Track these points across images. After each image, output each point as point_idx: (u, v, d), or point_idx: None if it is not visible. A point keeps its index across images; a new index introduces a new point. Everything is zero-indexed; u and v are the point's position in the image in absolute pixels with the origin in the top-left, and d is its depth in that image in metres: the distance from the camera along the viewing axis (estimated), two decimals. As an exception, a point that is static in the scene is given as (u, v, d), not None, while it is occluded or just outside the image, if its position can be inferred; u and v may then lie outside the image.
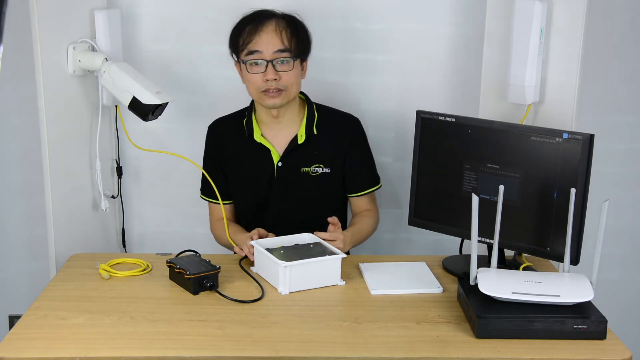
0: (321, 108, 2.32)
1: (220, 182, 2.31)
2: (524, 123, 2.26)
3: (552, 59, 2.22)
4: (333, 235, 2.08)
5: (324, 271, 1.98)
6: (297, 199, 2.29)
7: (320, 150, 2.27)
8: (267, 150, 2.26)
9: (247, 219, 2.35)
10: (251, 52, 2.15)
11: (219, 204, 2.29)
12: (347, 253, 2.19)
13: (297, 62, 2.18)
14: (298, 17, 2.23)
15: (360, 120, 2.35)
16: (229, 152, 2.31)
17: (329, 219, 2.11)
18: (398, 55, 2.63)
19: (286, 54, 2.15)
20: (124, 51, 2.48)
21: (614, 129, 2.66)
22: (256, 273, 2.05)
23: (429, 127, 2.13)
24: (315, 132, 2.26)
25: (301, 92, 2.31)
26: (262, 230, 2.14)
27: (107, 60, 2.31)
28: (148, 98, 2.26)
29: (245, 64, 2.17)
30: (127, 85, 2.26)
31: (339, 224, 2.12)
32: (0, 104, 2.62)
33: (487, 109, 2.40)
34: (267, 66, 2.14)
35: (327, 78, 2.61)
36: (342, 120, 2.32)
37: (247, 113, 2.31)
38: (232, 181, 2.33)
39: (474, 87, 2.50)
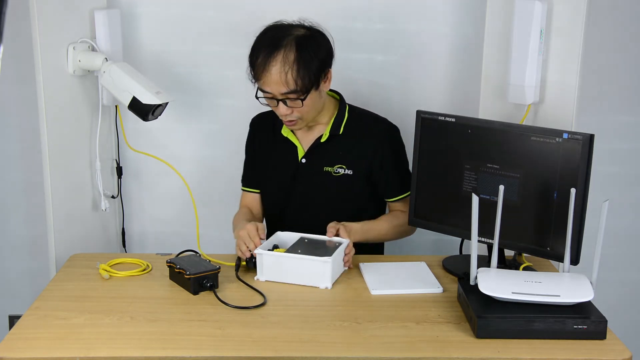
0: (354, 110, 2.30)
1: (254, 170, 2.37)
2: (524, 123, 2.26)
3: (552, 59, 2.22)
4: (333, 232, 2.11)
5: (304, 271, 1.99)
6: (319, 198, 2.28)
7: (344, 151, 2.25)
8: (294, 146, 2.27)
9: (270, 212, 2.37)
10: (263, 91, 2.12)
11: (251, 191, 2.38)
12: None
13: (309, 94, 2.11)
14: (314, 35, 2.13)
15: (397, 127, 2.30)
16: (263, 145, 2.34)
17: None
18: (398, 55, 2.63)
19: (293, 95, 2.09)
20: (124, 51, 2.48)
21: (614, 129, 2.67)
22: (264, 280, 2.02)
23: (429, 127, 2.13)
24: (340, 133, 2.25)
25: (336, 92, 2.30)
26: (259, 226, 2.11)
27: (107, 60, 2.31)
28: (148, 98, 2.26)
29: (259, 97, 2.15)
30: (127, 85, 2.27)
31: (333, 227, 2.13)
32: (0, 104, 2.62)
33: (487, 109, 2.40)
34: (278, 102, 2.12)
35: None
36: (372, 123, 2.29)
37: None
38: (259, 173, 2.35)
39: (474, 87, 2.50)
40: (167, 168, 2.69)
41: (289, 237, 2.13)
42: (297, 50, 2.07)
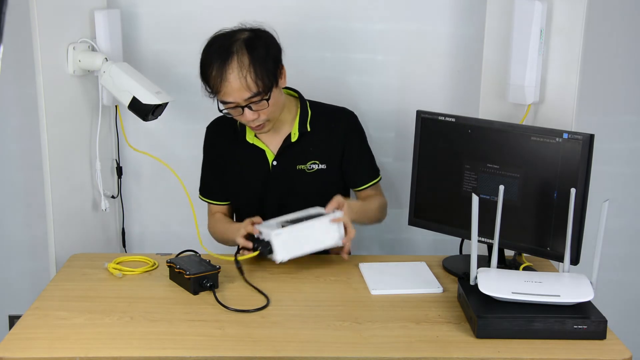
0: (315, 105, 2.30)
1: (219, 181, 2.32)
2: (524, 123, 2.26)
3: (552, 59, 2.22)
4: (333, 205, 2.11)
5: (319, 234, 2.03)
6: (295, 197, 2.28)
7: (315, 147, 2.26)
8: (262, 151, 2.26)
9: (246, 218, 2.34)
10: (225, 102, 2.10)
11: (216, 204, 2.34)
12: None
13: (271, 92, 2.10)
14: (259, 35, 2.12)
15: (355, 113, 2.31)
16: (225, 152, 2.31)
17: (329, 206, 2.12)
18: (398, 55, 2.63)
19: (257, 97, 2.08)
20: (124, 51, 2.48)
21: (614, 129, 2.67)
22: (287, 260, 2.03)
23: (429, 127, 2.13)
24: (309, 129, 2.25)
25: (293, 90, 2.30)
26: (255, 219, 2.13)
27: (107, 60, 2.31)
28: (148, 98, 2.26)
29: (223, 110, 2.14)
30: (127, 85, 2.27)
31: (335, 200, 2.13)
32: (0, 104, 2.62)
33: (487, 109, 2.40)
34: (243, 110, 2.10)
35: (327, 78, 2.62)
36: (335, 115, 2.30)
37: None
38: (229, 182, 2.33)
39: (474, 87, 2.50)
40: (167, 168, 2.70)
41: (272, 224, 2.11)
42: (248, 52, 2.06)
